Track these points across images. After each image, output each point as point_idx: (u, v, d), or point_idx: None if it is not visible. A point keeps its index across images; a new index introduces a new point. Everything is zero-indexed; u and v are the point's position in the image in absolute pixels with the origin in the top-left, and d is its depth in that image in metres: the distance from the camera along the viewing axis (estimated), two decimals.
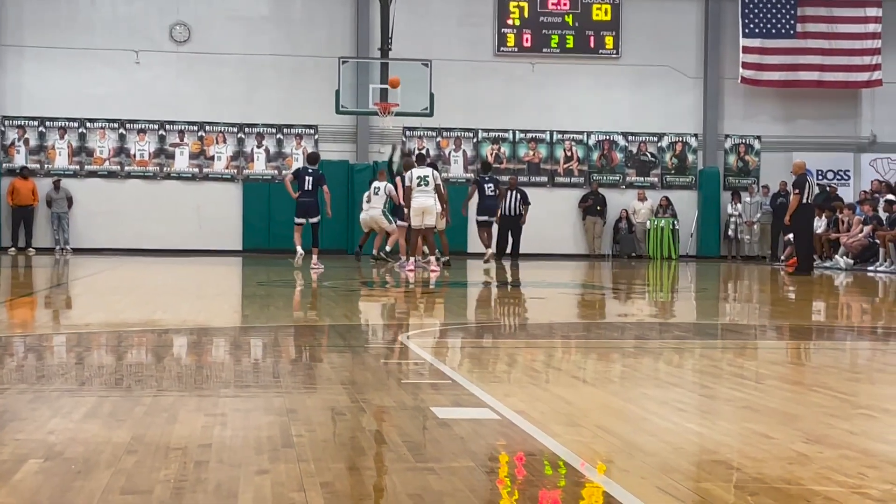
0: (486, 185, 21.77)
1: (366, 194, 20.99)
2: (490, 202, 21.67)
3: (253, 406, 5.34)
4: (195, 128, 26.53)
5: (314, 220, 19.07)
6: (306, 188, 18.86)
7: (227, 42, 26.44)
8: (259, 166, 26.63)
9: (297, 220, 19.22)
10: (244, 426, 4.81)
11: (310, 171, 19.10)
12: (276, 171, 26.47)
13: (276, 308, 11.55)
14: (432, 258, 18.22)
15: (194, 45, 26.44)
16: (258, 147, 26.61)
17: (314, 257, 18.98)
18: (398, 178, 19.25)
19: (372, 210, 20.69)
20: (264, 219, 26.18)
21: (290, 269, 18.69)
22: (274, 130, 26.67)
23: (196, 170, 26.61)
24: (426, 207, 17.86)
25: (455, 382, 6.05)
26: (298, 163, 26.50)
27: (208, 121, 26.51)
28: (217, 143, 26.58)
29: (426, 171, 18.11)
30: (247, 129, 26.64)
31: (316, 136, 26.67)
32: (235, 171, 26.53)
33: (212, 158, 26.60)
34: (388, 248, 20.97)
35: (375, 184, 20.85)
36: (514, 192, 24.35)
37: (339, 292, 13.96)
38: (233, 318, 10.51)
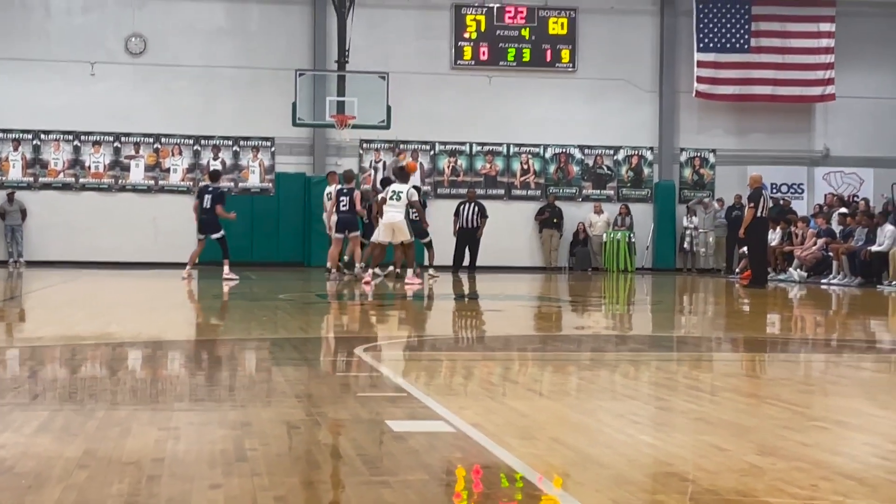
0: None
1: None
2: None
3: (207, 420, 5.30)
4: (151, 140, 26.38)
5: (215, 236, 19.31)
6: (205, 205, 19.24)
7: (184, 54, 26.31)
8: None
9: (199, 236, 19.50)
10: (198, 440, 4.77)
11: (209, 188, 19.48)
12: (232, 184, 26.35)
13: (232, 321, 11.49)
14: (410, 271, 18.31)
15: (150, 57, 26.30)
16: (214, 159, 26.47)
17: (225, 268, 19.17)
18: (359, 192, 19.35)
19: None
20: None
21: (244, 282, 18.60)
22: (230, 143, 26.56)
23: (152, 182, 26.44)
24: (395, 223, 17.89)
25: (410, 395, 6.03)
26: (255, 175, 26.48)
27: (164, 133, 26.36)
28: (173, 155, 26.43)
29: (402, 187, 18.18)
30: (203, 142, 26.51)
31: (272, 149, 26.58)
32: (191, 183, 26.37)
33: (167, 171, 26.45)
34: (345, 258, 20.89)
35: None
36: (473, 205, 24.45)
37: (296, 305, 13.90)
38: (188, 331, 10.44)
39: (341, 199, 19.19)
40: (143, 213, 26.19)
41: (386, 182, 19.56)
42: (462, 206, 24.62)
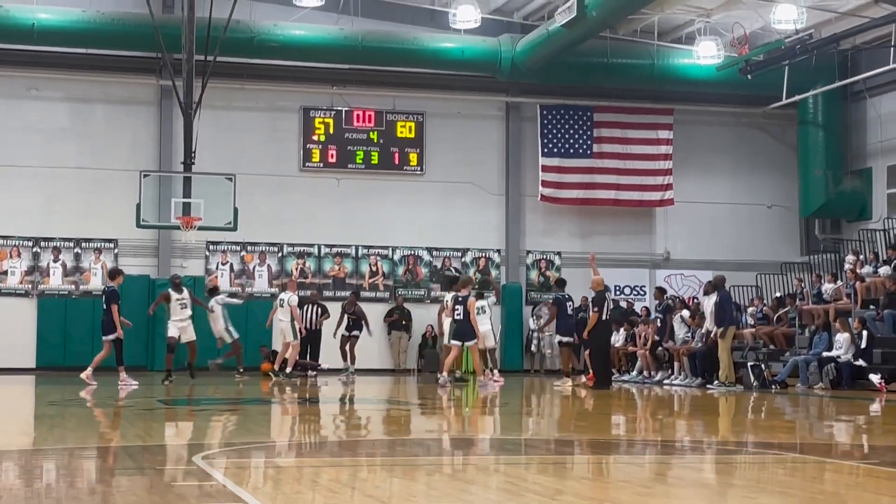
0: (567, 304, 21.85)
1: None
2: (572, 322, 21.88)
3: None
4: None
5: (106, 338, 19.11)
6: (103, 306, 19.12)
7: (24, 154, 25.75)
8: (55, 281, 25.81)
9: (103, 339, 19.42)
10: None
11: (105, 288, 19.65)
12: (73, 286, 25.72)
13: (67, 429, 11.10)
14: (495, 372, 21.50)
15: None
16: (55, 261, 25.82)
17: (121, 373, 18.96)
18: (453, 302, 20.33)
19: (281, 322, 21.95)
20: (60, 335, 25.35)
21: (81, 389, 18.05)
22: (71, 244, 25.95)
23: None
24: (483, 333, 20.88)
25: None
26: (97, 278, 25.88)
27: (1, 234, 25.65)
28: (11, 257, 25.69)
29: (483, 302, 21.43)
30: (43, 243, 25.85)
31: (116, 251, 26.08)
32: (30, 286, 25.63)
33: (5, 273, 25.68)
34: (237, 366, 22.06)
35: (281, 295, 22.41)
36: (314, 307, 24.14)
37: (136, 411, 13.53)
38: (20, 441, 10.05)
39: (457, 307, 20.02)
40: None
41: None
42: (304, 308, 24.17)
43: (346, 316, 24.09)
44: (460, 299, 20.16)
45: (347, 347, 23.93)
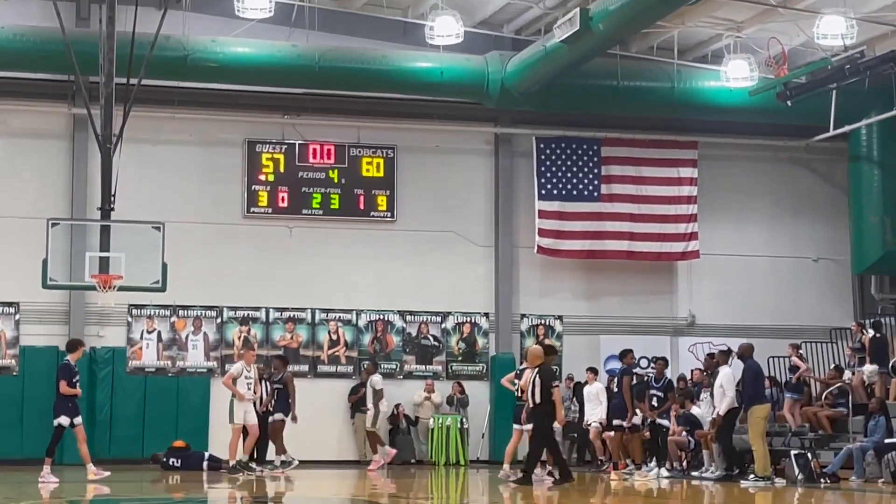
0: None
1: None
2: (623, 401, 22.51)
3: None
4: None
5: (55, 421, 19.97)
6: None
7: None
8: None
9: None
10: None
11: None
12: None
13: None
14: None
15: None
16: None
17: (45, 467, 19.59)
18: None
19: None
20: None
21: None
22: None
23: None
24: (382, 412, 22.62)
25: None
26: None
27: None
28: None
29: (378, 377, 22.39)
30: None
31: (16, 317, 25.99)
32: None
33: None
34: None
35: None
36: (263, 384, 23.94)
37: None
38: None
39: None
40: None
41: None
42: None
43: (274, 389, 23.56)
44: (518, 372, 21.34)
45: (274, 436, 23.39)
